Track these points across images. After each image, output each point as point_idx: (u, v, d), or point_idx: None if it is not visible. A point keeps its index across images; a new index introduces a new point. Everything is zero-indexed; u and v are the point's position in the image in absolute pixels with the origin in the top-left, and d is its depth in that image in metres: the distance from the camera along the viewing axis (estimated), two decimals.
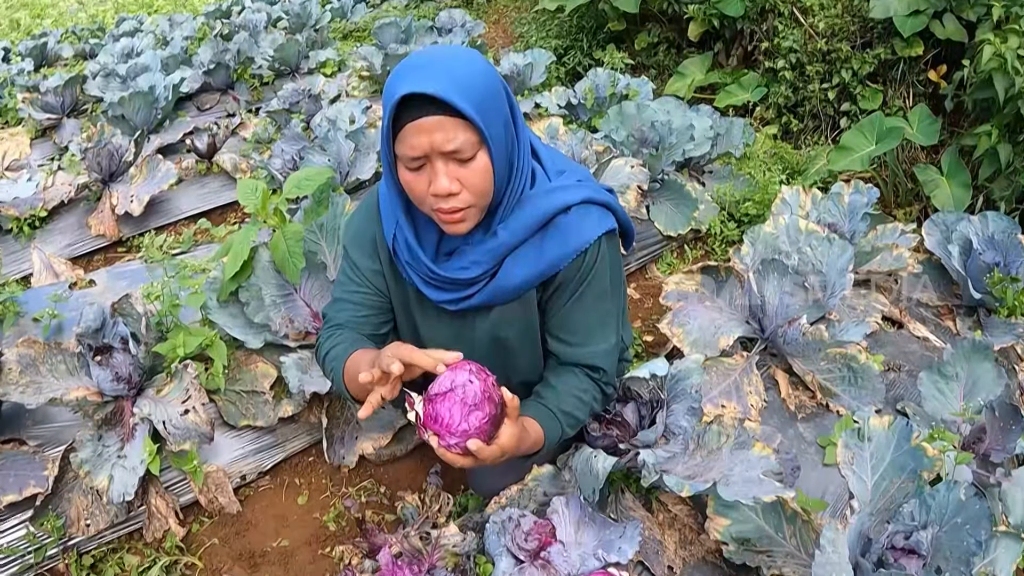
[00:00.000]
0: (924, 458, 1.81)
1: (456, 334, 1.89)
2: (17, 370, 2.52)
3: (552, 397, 1.83)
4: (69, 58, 8.06)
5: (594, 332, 1.84)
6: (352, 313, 1.91)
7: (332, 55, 6.66)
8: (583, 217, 1.73)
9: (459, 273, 1.73)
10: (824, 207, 3.26)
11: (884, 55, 4.59)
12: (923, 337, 3.08)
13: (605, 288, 1.81)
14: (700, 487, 1.75)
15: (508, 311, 1.82)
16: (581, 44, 6.38)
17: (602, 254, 1.77)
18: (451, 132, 1.46)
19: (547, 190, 1.71)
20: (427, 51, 1.53)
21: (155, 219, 4.37)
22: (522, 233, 1.69)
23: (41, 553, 2.37)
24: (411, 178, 1.55)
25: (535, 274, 1.74)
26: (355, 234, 1.92)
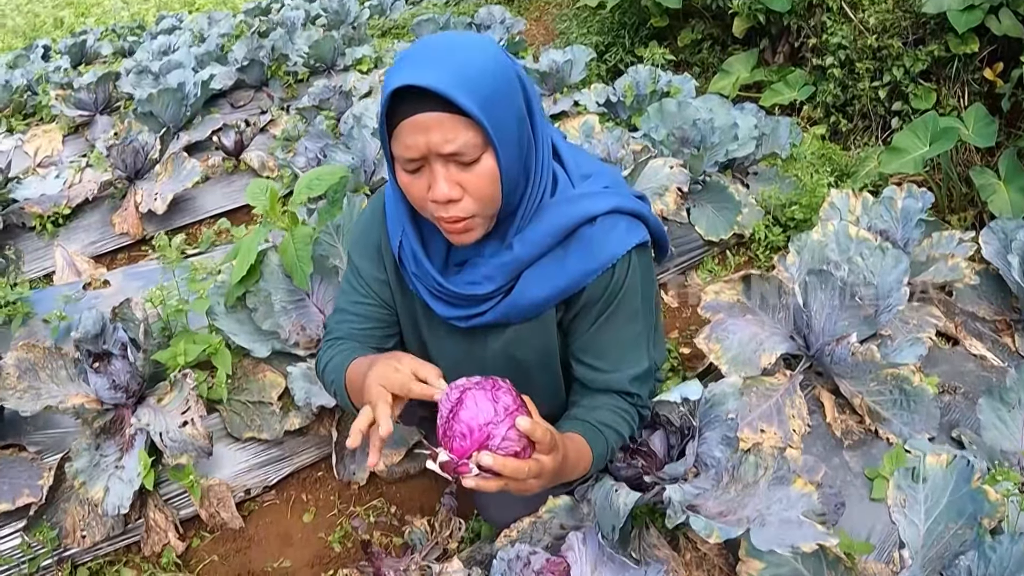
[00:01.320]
0: (985, 503, 1.61)
1: (467, 353, 1.72)
2: (15, 375, 2.41)
3: (588, 413, 1.64)
4: (108, 56, 8.06)
5: (625, 357, 1.65)
6: (354, 325, 1.75)
7: (368, 52, 6.54)
8: (610, 229, 1.53)
9: (469, 288, 1.55)
10: (875, 212, 3.04)
11: (937, 52, 4.34)
12: (980, 355, 2.85)
13: (636, 308, 1.62)
14: (731, 532, 1.56)
15: (524, 331, 1.63)
16: (623, 41, 6.19)
17: (632, 269, 1.57)
18: (451, 132, 1.27)
19: (569, 198, 1.51)
20: (432, 38, 1.34)
21: (179, 217, 4.29)
22: (540, 247, 1.50)
23: (35, 564, 2.29)
24: (408, 181, 1.37)
25: (555, 292, 1.55)
26: (359, 239, 1.75)
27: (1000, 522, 1.68)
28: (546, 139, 1.49)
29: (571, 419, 1.65)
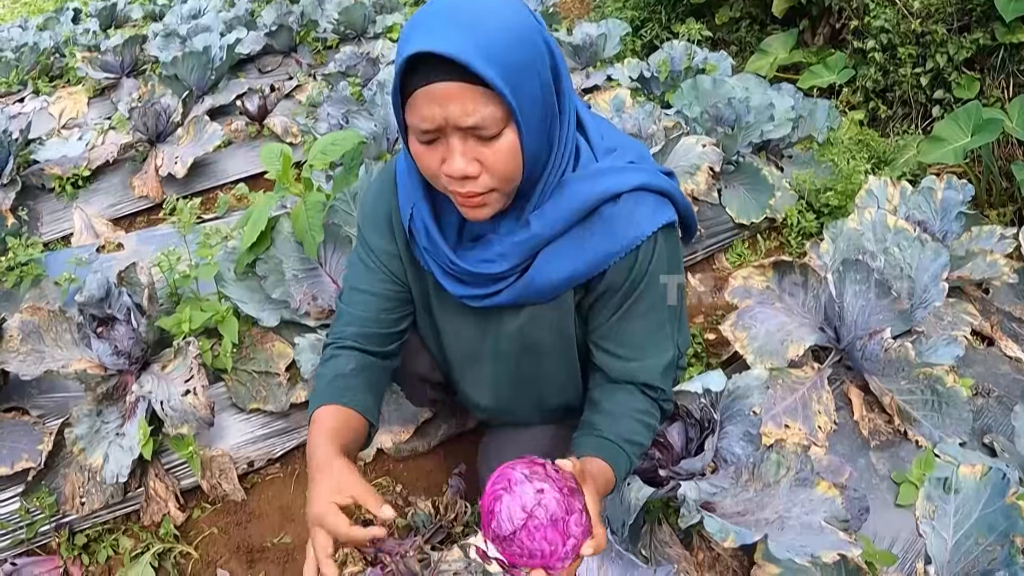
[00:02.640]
0: (1020, 520, 1.50)
1: (480, 334, 1.65)
2: (19, 337, 2.37)
3: (609, 425, 1.54)
4: (138, 19, 8.00)
5: (649, 345, 1.55)
6: (367, 307, 1.65)
7: (400, 20, 6.42)
8: (635, 207, 1.43)
9: (482, 267, 1.46)
10: (914, 202, 2.91)
11: (983, 40, 4.19)
12: (1015, 357, 2.73)
13: (661, 295, 1.52)
14: (748, 537, 1.47)
15: (540, 313, 1.55)
16: (659, 16, 6.07)
17: (658, 252, 1.46)
18: (470, 104, 1.17)
19: (592, 173, 1.41)
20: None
21: (199, 182, 4.23)
22: (559, 225, 1.41)
23: (33, 529, 2.25)
24: (422, 151, 1.27)
25: (573, 274, 1.46)
26: (369, 210, 1.65)
27: None
28: (571, 110, 1.39)
29: (592, 434, 1.55)
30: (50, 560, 2.26)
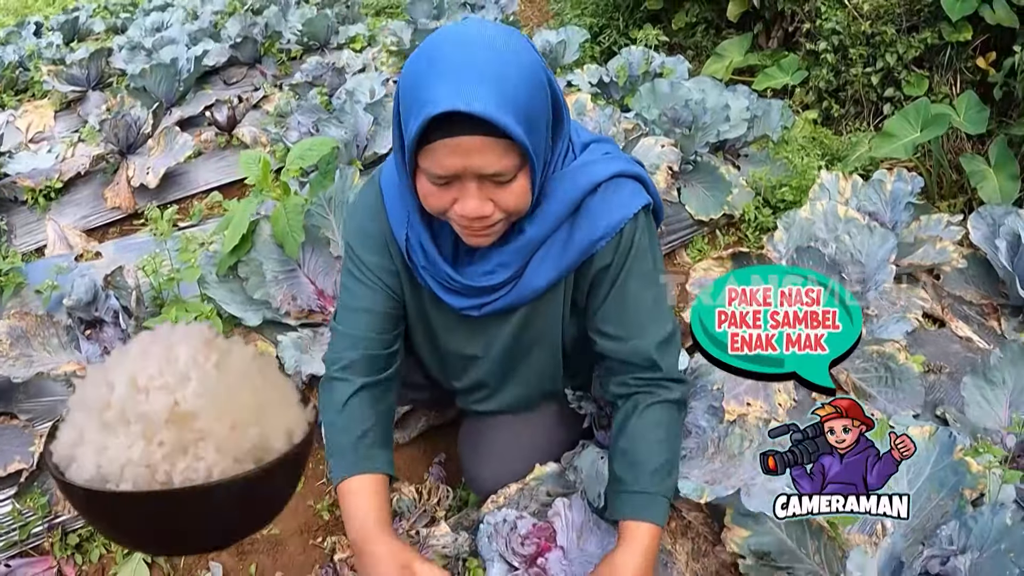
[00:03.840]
0: (967, 474, 1.63)
1: (474, 338, 1.74)
2: (7, 342, 2.43)
3: (630, 472, 1.60)
4: (100, 32, 8.00)
5: (646, 321, 1.62)
6: (365, 327, 1.68)
7: (362, 30, 6.51)
8: (614, 194, 1.53)
9: (484, 280, 1.54)
10: (865, 195, 3.06)
11: (931, 40, 4.36)
12: (966, 337, 2.88)
13: (650, 269, 1.60)
14: (723, 492, 1.59)
15: (533, 310, 1.65)
16: (617, 23, 6.18)
17: (640, 231, 1.56)
18: (492, 155, 1.24)
19: (572, 170, 1.50)
20: (461, 39, 1.26)
21: (171, 192, 4.28)
22: (551, 224, 1.49)
23: (26, 531, 2.30)
24: (433, 192, 1.33)
25: (565, 267, 1.55)
26: (362, 231, 1.69)
27: (982, 494, 1.72)
28: (567, 131, 1.48)
29: (624, 491, 1.60)
30: (43, 560, 2.30)
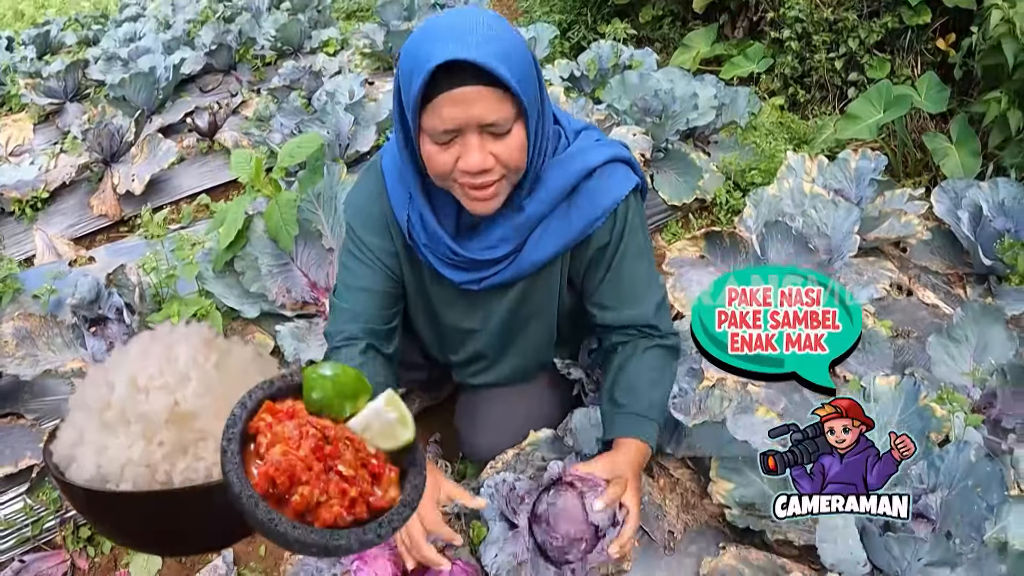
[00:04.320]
0: (932, 419, 1.77)
1: (473, 312, 1.83)
2: (13, 343, 2.51)
3: (632, 400, 1.74)
4: (72, 45, 8.02)
5: (642, 291, 1.77)
6: (364, 303, 1.78)
7: (335, 34, 6.60)
8: (608, 177, 1.65)
9: (485, 254, 1.64)
10: (830, 173, 3.20)
11: (891, 24, 4.50)
12: (932, 304, 3.02)
13: (642, 243, 1.74)
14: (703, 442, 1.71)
15: (531, 285, 1.76)
16: (585, 19, 6.29)
17: (632, 209, 1.70)
18: (492, 104, 1.33)
19: (569, 154, 1.62)
20: (455, 13, 1.39)
21: (157, 198, 4.34)
22: (550, 204, 1.61)
23: (38, 526, 2.36)
24: (435, 151, 1.42)
25: (564, 245, 1.67)
26: (363, 215, 1.78)
27: (947, 438, 1.85)
28: (550, 109, 1.58)
29: (620, 412, 1.75)
30: (57, 554, 2.37)
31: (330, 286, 2.75)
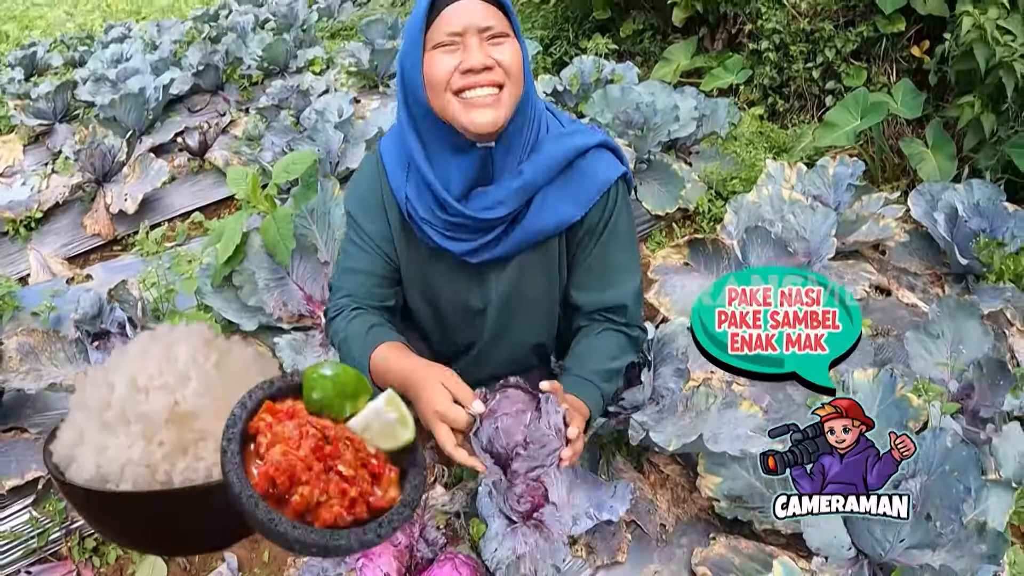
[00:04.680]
0: (909, 408, 1.85)
1: (476, 288, 1.89)
2: (17, 358, 2.57)
3: (580, 365, 1.83)
4: (59, 66, 8.08)
5: (621, 273, 1.86)
6: (360, 283, 1.87)
7: (320, 53, 6.69)
8: (599, 159, 1.78)
9: (483, 213, 1.71)
10: (809, 180, 3.30)
11: (867, 33, 4.61)
12: (911, 304, 3.12)
13: (625, 232, 1.85)
14: (687, 440, 1.79)
15: (529, 263, 1.83)
16: (567, 34, 6.39)
17: (621, 193, 1.81)
18: (488, 12, 1.54)
19: (565, 133, 1.75)
20: None
21: (149, 217, 4.39)
22: (546, 171, 1.71)
23: (44, 537, 2.40)
24: (441, 59, 1.56)
25: (564, 217, 1.76)
26: (360, 198, 1.89)
27: (925, 424, 1.94)
28: (531, 80, 1.70)
29: (564, 373, 1.85)
30: (63, 565, 2.40)
31: (325, 299, 2.82)
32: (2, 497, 2.47)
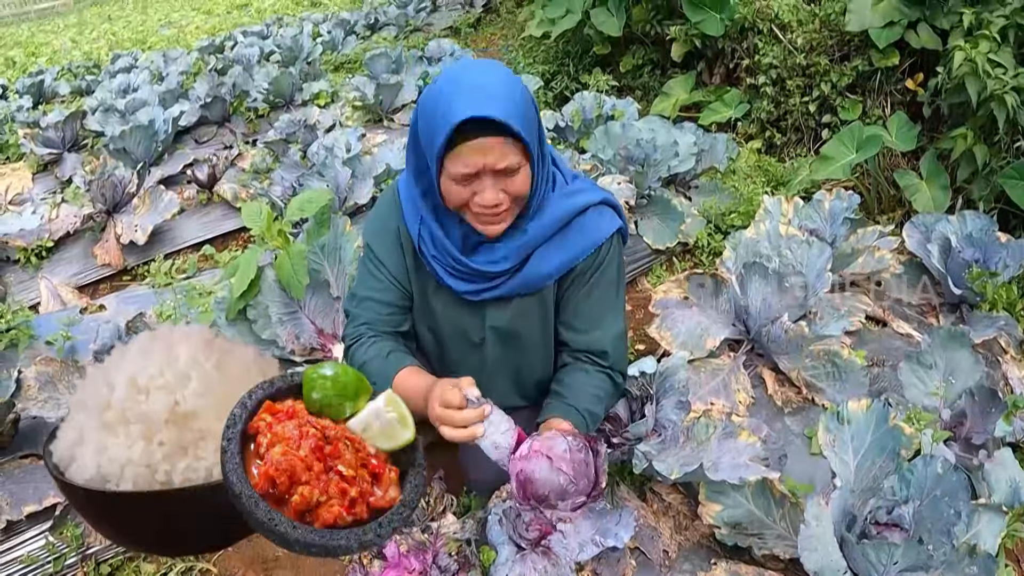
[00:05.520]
0: (902, 437, 1.92)
1: (471, 324, 1.99)
2: (36, 386, 2.64)
3: (572, 395, 1.93)
4: (66, 95, 8.21)
5: (604, 318, 1.96)
6: (376, 312, 1.98)
7: (325, 86, 6.79)
8: (599, 216, 1.89)
9: (488, 267, 1.84)
10: (805, 214, 3.38)
11: (862, 67, 4.71)
12: (906, 334, 3.18)
13: (613, 278, 1.95)
14: (688, 469, 1.86)
15: (526, 304, 1.94)
16: (568, 69, 6.52)
17: (613, 248, 1.92)
18: (506, 151, 1.58)
19: (568, 192, 1.85)
20: (473, 68, 1.64)
21: (159, 248, 4.47)
22: (549, 229, 1.82)
23: (60, 562, 2.44)
24: (456, 189, 1.65)
25: (559, 267, 1.87)
26: (377, 229, 2.00)
27: (918, 452, 2.01)
28: (548, 148, 1.83)
29: (557, 401, 1.93)
30: None
31: (336, 333, 2.91)
32: (20, 523, 2.51)
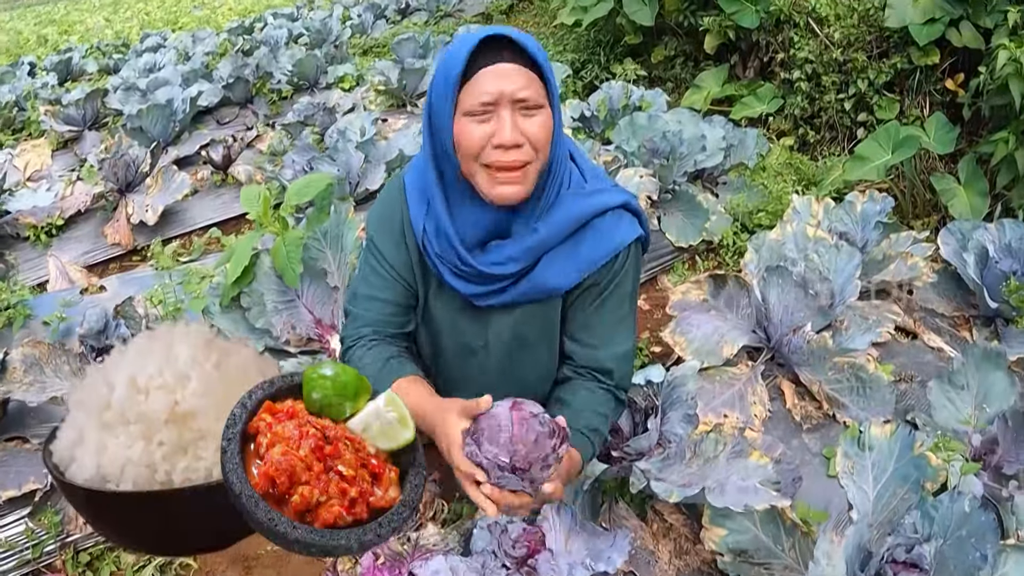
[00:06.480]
0: (928, 468, 1.76)
1: (477, 329, 1.85)
2: (21, 369, 2.56)
3: (575, 418, 1.75)
4: (93, 73, 8.20)
5: (613, 335, 1.80)
6: (379, 312, 1.83)
7: (350, 70, 6.70)
8: (618, 222, 1.71)
9: (494, 268, 1.68)
10: (836, 216, 3.22)
11: (900, 64, 4.55)
12: (937, 348, 3.02)
13: (627, 293, 1.78)
14: (689, 492, 1.71)
15: (532, 311, 1.78)
16: (598, 58, 6.39)
17: (631, 259, 1.75)
18: (525, 80, 1.46)
19: (587, 192, 1.69)
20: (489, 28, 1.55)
21: (169, 229, 4.41)
22: (562, 231, 1.66)
23: (39, 549, 2.39)
24: (471, 128, 1.51)
25: (571, 276, 1.71)
26: (382, 224, 1.84)
27: (944, 486, 1.85)
28: (563, 137, 1.66)
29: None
30: None
31: (335, 324, 2.78)
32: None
